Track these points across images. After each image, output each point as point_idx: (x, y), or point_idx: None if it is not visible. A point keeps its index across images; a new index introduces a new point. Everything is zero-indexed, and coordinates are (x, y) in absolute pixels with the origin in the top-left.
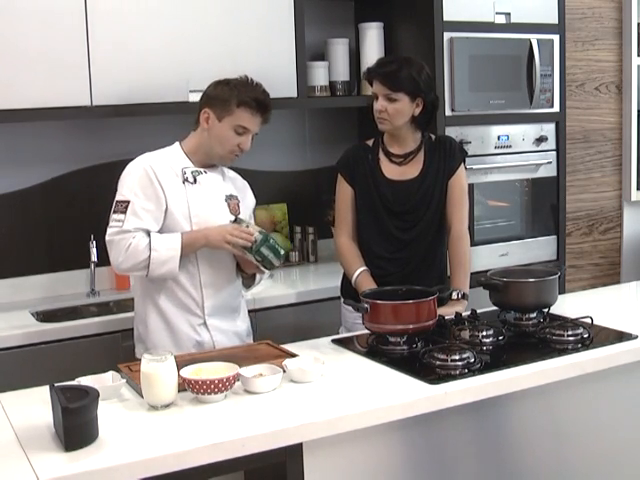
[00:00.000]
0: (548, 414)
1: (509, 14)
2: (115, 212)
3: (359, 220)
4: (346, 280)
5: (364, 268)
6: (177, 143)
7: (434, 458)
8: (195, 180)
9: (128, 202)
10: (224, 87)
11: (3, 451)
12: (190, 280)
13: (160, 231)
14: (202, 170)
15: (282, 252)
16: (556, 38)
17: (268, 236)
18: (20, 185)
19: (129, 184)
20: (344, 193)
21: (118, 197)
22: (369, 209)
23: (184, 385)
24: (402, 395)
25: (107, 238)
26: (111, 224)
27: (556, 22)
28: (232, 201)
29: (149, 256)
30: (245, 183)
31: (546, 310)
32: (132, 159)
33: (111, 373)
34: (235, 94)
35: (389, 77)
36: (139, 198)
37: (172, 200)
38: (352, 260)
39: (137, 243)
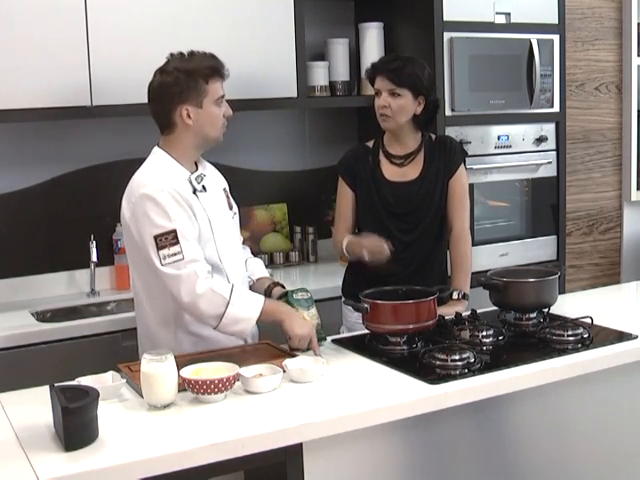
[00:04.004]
0: (548, 414)
1: (509, 14)
2: (163, 247)
3: (360, 222)
4: (347, 279)
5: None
6: (159, 150)
7: (434, 458)
8: (204, 188)
9: (174, 230)
10: (177, 76)
11: (3, 451)
12: None
13: None
14: (202, 174)
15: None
16: (556, 38)
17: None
18: (20, 185)
19: (160, 213)
20: (345, 195)
21: (156, 231)
22: (370, 211)
23: (184, 385)
24: (402, 395)
25: (170, 272)
26: (165, 261)
27: (556, 22)
28: (225, 194)
29: (227, 305)
30: (213, 167)
31: (546, 310)
32: (132, 159)
33: (111, 373)
34: (196, 74)
35: (394, 72)
36: (180, 223)
37: (197, 215)
38: (341, 235)
39: (215, 284)
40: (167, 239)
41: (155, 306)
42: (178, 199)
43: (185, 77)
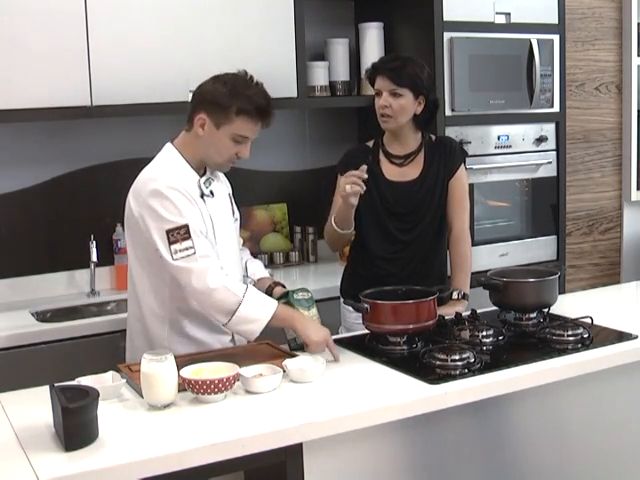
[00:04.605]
0: (548, 414)
1: (509, 14)
2: (175, 242)
3: (360, 221)
4: (346, 280)
5: None
6: (172, 148)
7: (434, 458)
8: (212, 193)
9: (186, 225)
10: (221, 88)
11: (3, 451)
12: None
13: None
14: (211, 178)
15: None
16: (556, 38)
17: None
18: (20, 185)
19: (171, 209)
20: None
21: (167, 225)
22: (370, 210)
23: (184, 385)
24: (402, 395)
25: (182, 265)
26: (177, 255)
27: (556, 22)
28: (230, 199)
29: (239, 302)
30: (221, 172)
31: (546, 310)
32: (132, 159)
33: (111, 373)
34: (235, 101)
35: (395, 72)
36: (191, 219)
37: (204, 217)
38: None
39: (229, 281)
40: (179, 234)
41: (153, 304)
42: (189, 197)
43: (225, 93)
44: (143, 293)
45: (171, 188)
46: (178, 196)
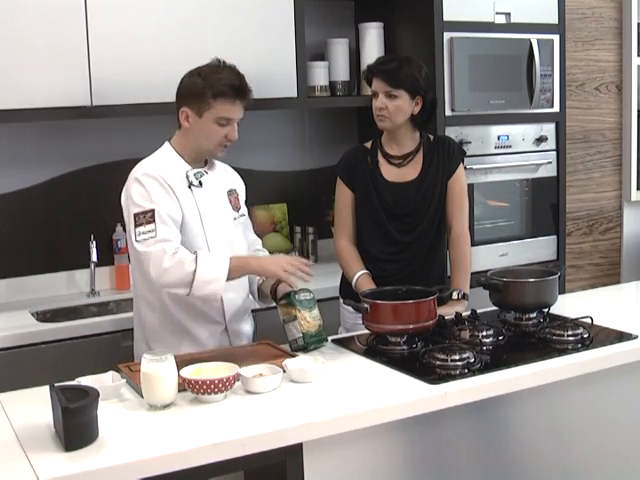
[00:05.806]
0: (548, 414)
1: (509, 14)
2: (140, 225)
3: (359, 223)
4: (345, 281)
5: (364, 271)
6: (167, 144)
7: (434, 458)
8: (200, 183)
9: (152, 210)
10: (195, 79)
11: (3, 451)
12: None
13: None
14: (203, 171)
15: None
16: (556, 38)
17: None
18: (20, 185)
19: (143, 194)
20: (344, 196)
21: (135, 209)
22: (369, 212)
23: (184, 385)
24: (402, 395)
25: (141, 249)
26: (139, 238)
27: (556, 22)
28: (232, 196)
29: (194, 271)
30: (230, 168)
31: (546, 310)
32: (132, 159)
33: (111, 373)
34: (208, 85)
35: (390, 74)
36: (161, 206)
37: (185, 207)
38: (352, 263)
39: (182, 256)
40: (145, 217)
41: (145, 290)
42: (163, 184)
43: (200, 82)
44: (137, 280)
45: (147, 175)
46: (152, 183)
